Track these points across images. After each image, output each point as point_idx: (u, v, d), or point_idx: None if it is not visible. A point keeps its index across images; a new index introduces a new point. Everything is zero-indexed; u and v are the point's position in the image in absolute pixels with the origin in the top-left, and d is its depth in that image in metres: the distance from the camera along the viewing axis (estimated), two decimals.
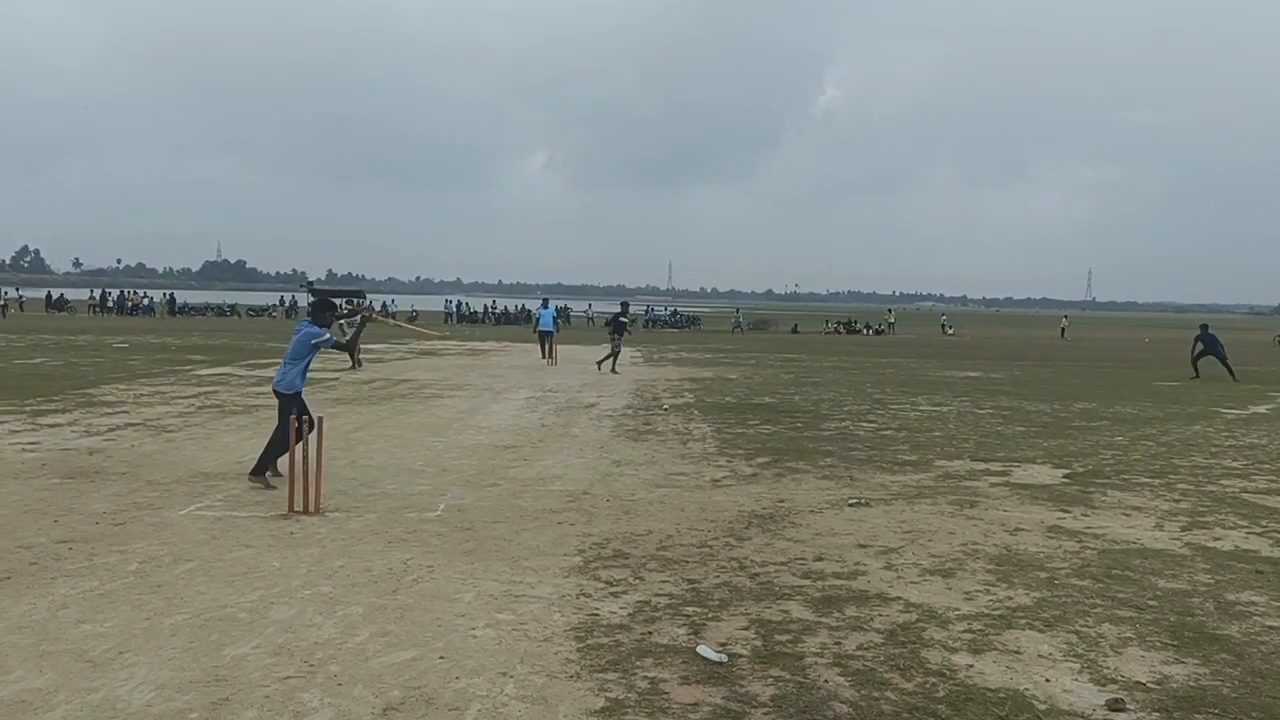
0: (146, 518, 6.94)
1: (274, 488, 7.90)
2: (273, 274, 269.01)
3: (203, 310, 64.26)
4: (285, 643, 4.52)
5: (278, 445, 8.07)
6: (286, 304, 70.20)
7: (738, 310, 66.32)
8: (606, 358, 21.78)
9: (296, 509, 7.11)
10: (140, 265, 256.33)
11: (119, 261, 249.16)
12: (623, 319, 22.87)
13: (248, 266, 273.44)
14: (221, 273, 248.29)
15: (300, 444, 7.17)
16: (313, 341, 8.23)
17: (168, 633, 4.65)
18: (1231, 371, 23.31)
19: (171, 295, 68.56)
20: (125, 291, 66.13)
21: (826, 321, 65.60)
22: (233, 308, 66.91)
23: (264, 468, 8.14)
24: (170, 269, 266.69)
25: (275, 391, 8.35)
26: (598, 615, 5.01)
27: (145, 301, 62.59)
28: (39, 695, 3.90)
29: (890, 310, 76.29)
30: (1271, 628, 4.94)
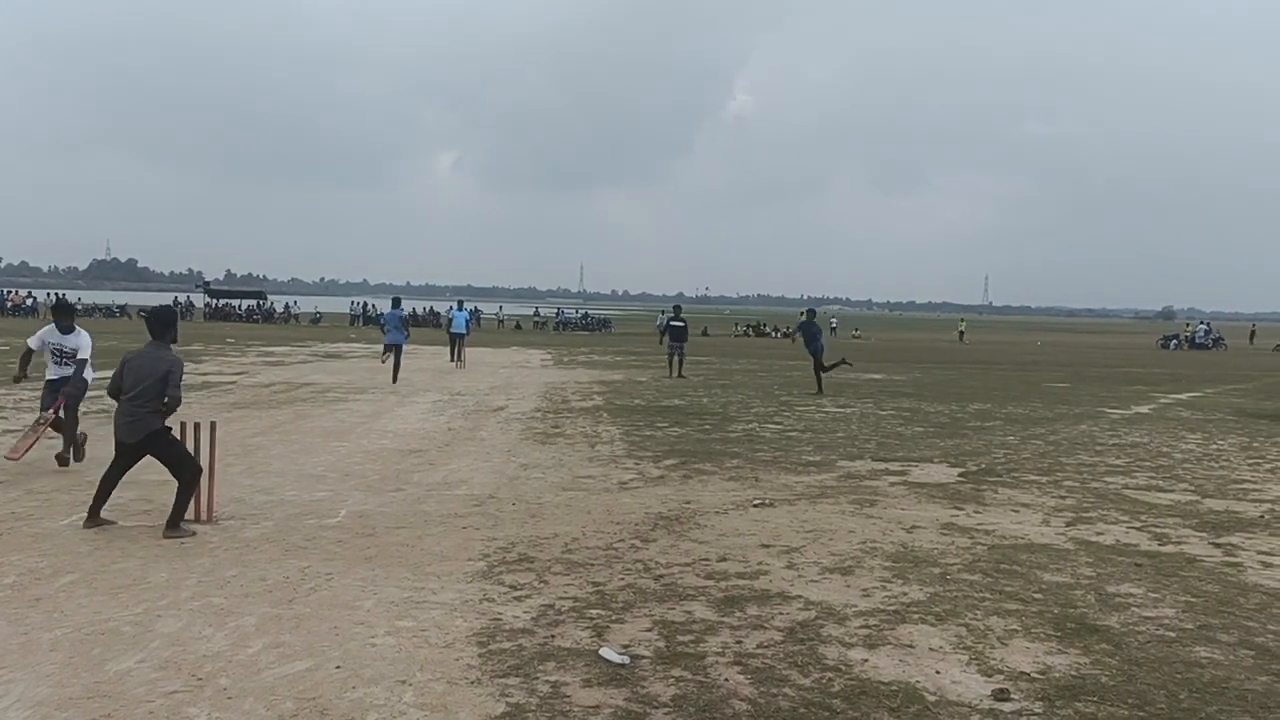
0: (25, 528, 6.60)
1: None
2: (167, 274, 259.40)
3: (90, 311, 61.42)
4: (172, 656, 4.35)
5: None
6: (182, 304, 67.73)
7: (662, 313, 66.44)
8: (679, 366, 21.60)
9: (187, 517, 6.86)
10: (23, 264, 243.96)
11: None
12: (675, 323, 22.05)
13: (140, 266, 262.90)
14: (111, 272, 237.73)
15: (195, 450, 6.92)
16: (405, 316, 19.74)
17: (46, 648, 4.43)
18: (820, 379, 18.56)
19: (61, 295, 65.24)
20: (4, 291, 62.85)
21: (736, 324, 66.43)
22: (123, 308, 64.16)
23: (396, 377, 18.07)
24: (56, 268, 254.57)
25: (397, 345, 18.78)
26: (501, 620, 4.96)
27: (28, 302, 59.56)
28: None
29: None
30: (1148, 618, 5.19)
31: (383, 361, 19.17)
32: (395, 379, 18.22)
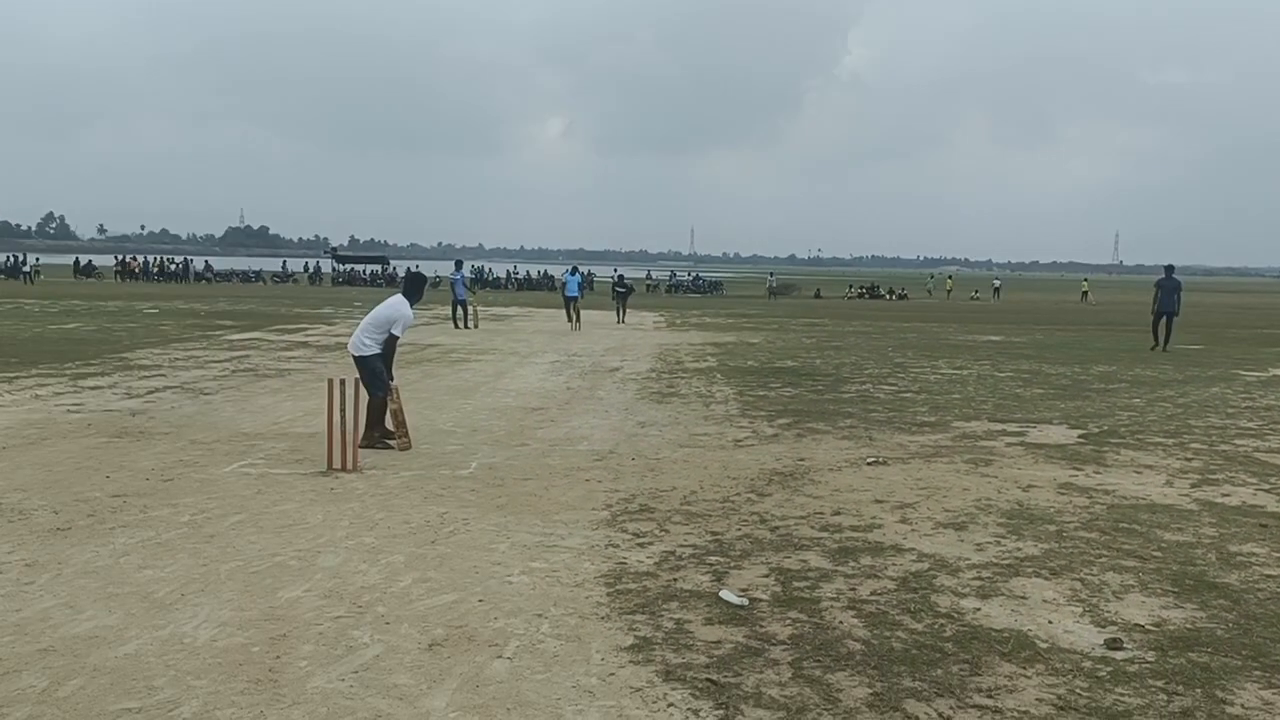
0: (193, 474, 7.28)
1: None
2: (296, 240, 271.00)
3: (228, 276, 64.89)
4: (334, 587, 4.84)
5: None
6: (310, 270, 70.83)
7: (771, 275, 65.66)
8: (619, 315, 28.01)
9: (335, 467, 7.44)
10: (164, 231, 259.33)
11: (143, 228, 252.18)
12: (619, 288, 29.22)
13: (271, 233, 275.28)
14: (245, 239, 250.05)
15: (340, 406, 7.47)
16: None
17: (224, 578, 4.97)
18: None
19: (205, 262, 69.09)
20: (149, 259, 66.72)
21: (849, 286, 65.43)
22: (258, 274, 67.52)
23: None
24: (194, 235, 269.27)
25: (463, 301, 23.84)
26: (625, 564, 5.29)
27: (172, 267, 63.25)
28: (111, 631, 4.23)
29: (949, 277, 76.87)
30: (1270, 576, 5.15)
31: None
32: (474, 325, 23.63)
